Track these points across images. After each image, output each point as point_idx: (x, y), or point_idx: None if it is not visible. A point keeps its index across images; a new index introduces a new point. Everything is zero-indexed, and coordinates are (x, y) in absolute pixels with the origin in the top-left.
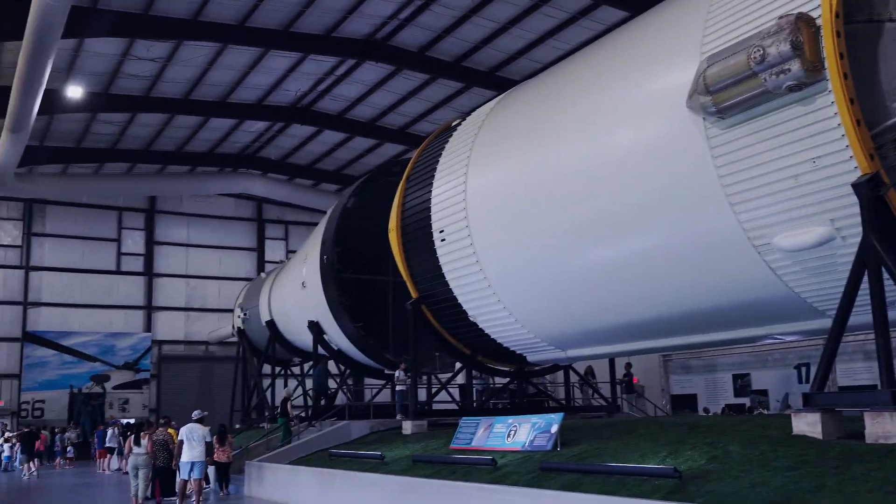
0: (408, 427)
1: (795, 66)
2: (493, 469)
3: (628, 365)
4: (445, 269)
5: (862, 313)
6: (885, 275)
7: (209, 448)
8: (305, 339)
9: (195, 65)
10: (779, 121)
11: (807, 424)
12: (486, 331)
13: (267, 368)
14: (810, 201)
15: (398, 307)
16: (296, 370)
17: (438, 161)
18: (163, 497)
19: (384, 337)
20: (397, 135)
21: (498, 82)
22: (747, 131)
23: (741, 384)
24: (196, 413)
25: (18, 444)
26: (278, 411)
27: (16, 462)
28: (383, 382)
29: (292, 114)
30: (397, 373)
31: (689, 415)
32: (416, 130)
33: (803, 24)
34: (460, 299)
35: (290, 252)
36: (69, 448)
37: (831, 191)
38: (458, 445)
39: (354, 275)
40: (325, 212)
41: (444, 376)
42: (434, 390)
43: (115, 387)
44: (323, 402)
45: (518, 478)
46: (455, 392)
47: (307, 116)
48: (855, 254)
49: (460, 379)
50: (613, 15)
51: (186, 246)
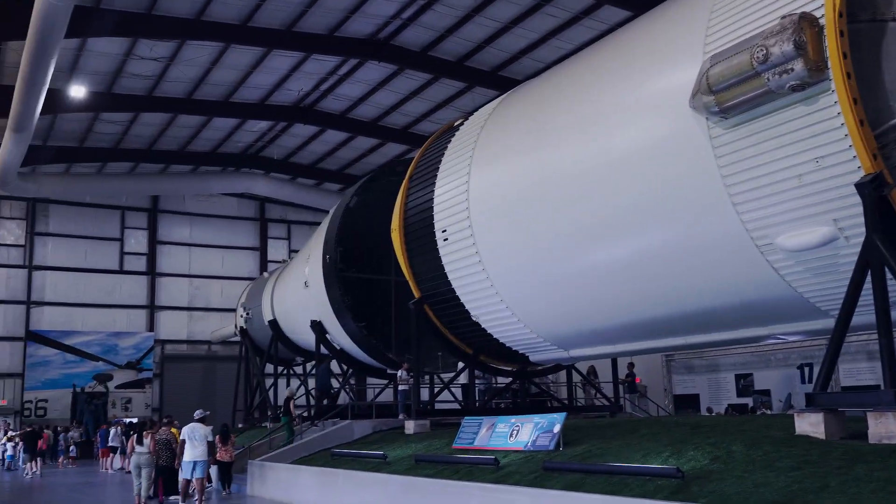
0: (410, 427)
1: (798, 66)
2: (496, 469)
3: (631, 365)
4: (448, 269)
5: (865, 313)
6: (889, 275)
7: (211, 447)
8: (308, 339)
9: (198, 64)
10: (782, 121)
11: (810, 425)
12: (489, 330)
13: (269, 368)
14: (813, 201)
15: (401, 307)
16: (298, 370)
17: (441, 161)
18: (165, 496)
19: (387, 336)
20: (400, 134)
21: (500, 82)
22: (750, 131)
23: (744, 384)
24: (198, 413)
25: (21, 444)
26: (280, 411)
27: (19, 461)
28: (386, 382)
29: (295, 113)
30: (400, 372)
31: (693, 415)
32: (419, 130)
33: (806, 24)
34: (463, 299)
35: (293, 251)
36: (72, 447)
37: (834, 191)
38: (461, 445)
39: (357, 274)
40: (328, 211)
41: (447, 376)
42: (437, 390)
43: (118, 386)
44: (326, 402)
45: (521, 477)
46: (457, 392)
47: (310, 116)
48: (858, 254)
49: (463, 378)
50: (616, 14)
51: (189, 245)
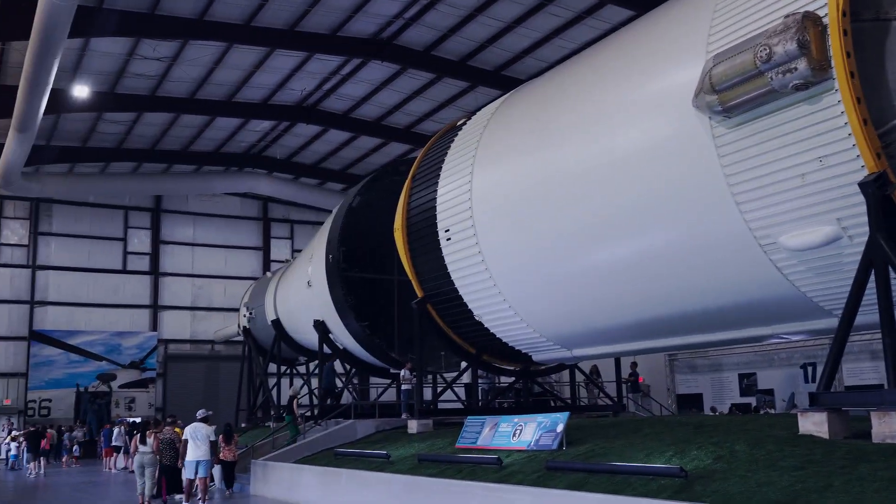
0: (413, 426)
1: (802, 65)
2: (499, 468)
3: (634, 364)
4: (451, 269)
5: (868, 312)
6: (892, 274)
7: (214, 447)
8: (311, 338)
9: (201, 64)
10: (785, 120)
11: (813, 424)
12: (492, 330)
13: (272, 367)
14: (817, 200)
15: (403, 306)
16: (301, 369)
17: (444, 160)
18: (168, 495)
19: (389, 336)
20: (403, 134)
21: (503, 81)
22: (753, 130)
23: (747, 384)
24: (200, 412)
25: (25, 443)
26: (283, 411)
27: (23, 461)
28: (389, 381)
29: (298, 113)
30: (403, 372)
31: (696, 414)
32: (422, 129)
33: (810, 23)
34: (466, 298)
35: (296, 251)
36: (75, 447)
37: (838, 190)
38: (464, 444)
39: (360, 274)
40: (331, 211)
41: (450, 375)
42: (439, 389)
43: (122, 386)
44: (330, 402)
45: (523, 477)
46: (460, 391)
47: (313, 115)
48: (861, 253)
49: (466, 378)
50: (619, 14)
51: (192, 245)
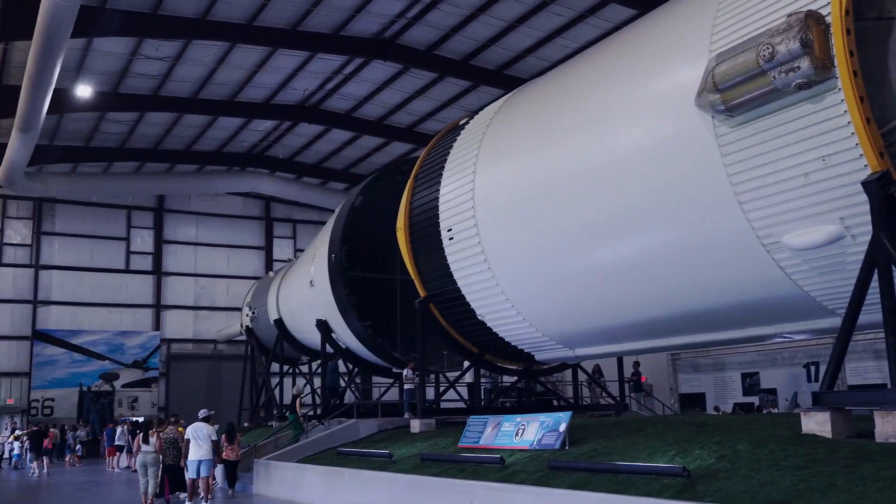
0: (416, 425)
1: (805, 64)
2: (502, 468)
3: (636, 363)
4: (453, 268)
5: (872, 312)
6: None
7: (216, 446)
8: (313, 338)
9: (203, 64)
10: (788, 119)
11: (816, 423)
12: (495, 329)
13: (275, 367)
14: (820, 199)
15: (406, 306)
16: (304, 368)
17: (446, 160)
18: (171, 494)
19: (392, 335)
20: (405, 133)
21: (506, 81)
22: (756, 129)
23: (750, 383)
24: (202, 412)
25: (28, 442)
26: (286, 410)
27: (27, 460)
28: (391, 381)
29: (300, 112)
30: (405, 371)
31: (699, 413)
32: (424, 129)
33: (813, 22)
34: (468, 298)
35: (298, 251)
36: (78, 446)
37: (841, 189)
38: (467, 444)
39: (362, 273)
40: (333, 210)
41: (453, 375)
42: (442, 389)
43: (124, 385)
44: (336, 401)
45: (526, 476)
46: (463, 391)
47: (315, 115)
48: (865, 252)
49: (468, 377)
50: (621, 13)
51: (195, 245)
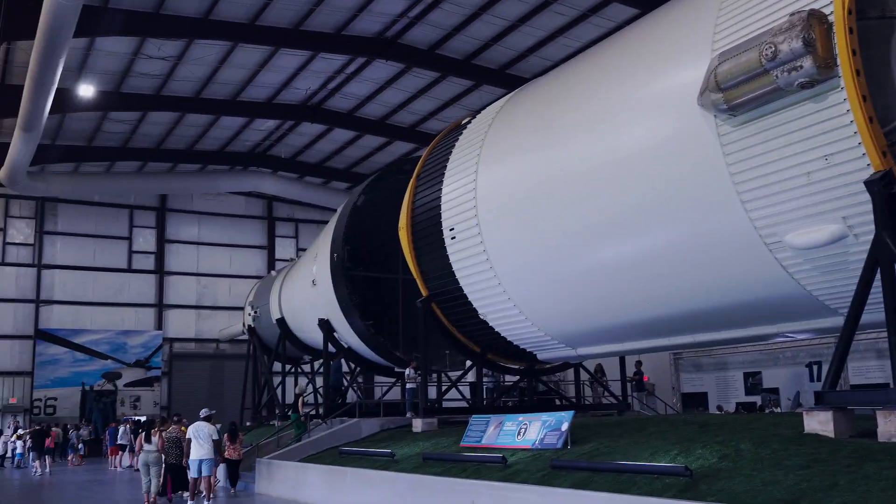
0: (418, 425)
1: (807, 63)
2: (504, 467)
3: (638, 363)
4: (456, 267)
5: (874, 311)
6: None
7: (218, 446)
8: (316, 337)
9: (206, 63)
10: (790, 118)
11: (819, 423)
12: (497, 329)
13: (277, 366)
14: (822, 199)
15: (408, 305)
16: (306, 368)
17: (448, 159)
18: (174, 493)
19: (394, 335)
20: (407, 133)
21: (508, 80)
22: (759, 129)
23: (752, 382)
24: (203, 412)
25: (30, 441)
26: (288, 410)
27: (30, 459)
28: (393, 380)
29: (302, 112)
30: (407, 370)
31: (701, 413)
32: (426, 128)
33: (815, 21)
34: (470, 297)
35: (301, 250)
36: (80, 445)
37: (843, 188)
38: (469, 443)
39: (364, 272)
40: (335, 210)
41: (455, 374)
42: (444, 388)
43: (127, 384)
44: (339, 400)
45: (528, 476)
46: (465, 390)
47: (317, 115)
48: (867, 251)
49: (470, 377)
50: (624, 12)
51: (197, 244)
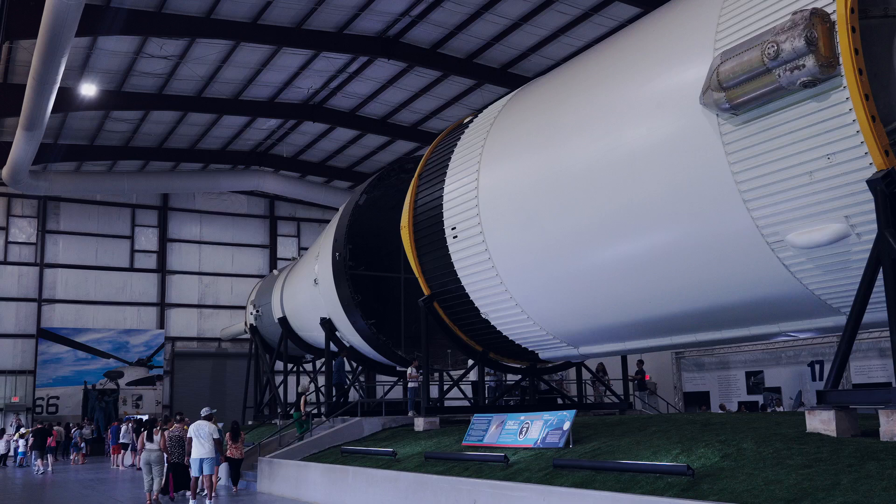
0: (420, 424)
1: (810, 62)
2: (505, 466)
3: (640, 362)
4: (457, 266)
5: (877, 310)
6: None
7: (219, 445)
8: (318, 336)
9: (208, 62)
10: (793, 117)
11: (821, 422)
12: (498, 328)
13: (279, 365)
14: (825, 198)
15: (410, 304)
16: (308, 366)
17: (450, 158)
18: (176, 492)
19: (396, 334)
20: (409, 132)
21: (510, 79)
22: (761, 128)
23: (754, 381)
24: (204, 410)
25: (32, 440)
26: (291, 408)
27: (32, 458)
28: (395, 379)
29: (304, 111)
30: (409, 369)
31: (703, 412)
32: (428, 127)
33: (818, 20)
34: (472, 296)
35: (302, 249)
36: (82, 444)
37: (846, 187)
38: (471, 442)
39: (366, 271)
40: (337, 209)
41: (456, 373)
42: (446, 387)
43: (129, 383)
44: (342, 399)
45: (530, 475)
46: (467, 389)
47: (319, 114)
48: (870, 251)
49: (472, 376)
50: (626, 11)
51: (199, 243)
